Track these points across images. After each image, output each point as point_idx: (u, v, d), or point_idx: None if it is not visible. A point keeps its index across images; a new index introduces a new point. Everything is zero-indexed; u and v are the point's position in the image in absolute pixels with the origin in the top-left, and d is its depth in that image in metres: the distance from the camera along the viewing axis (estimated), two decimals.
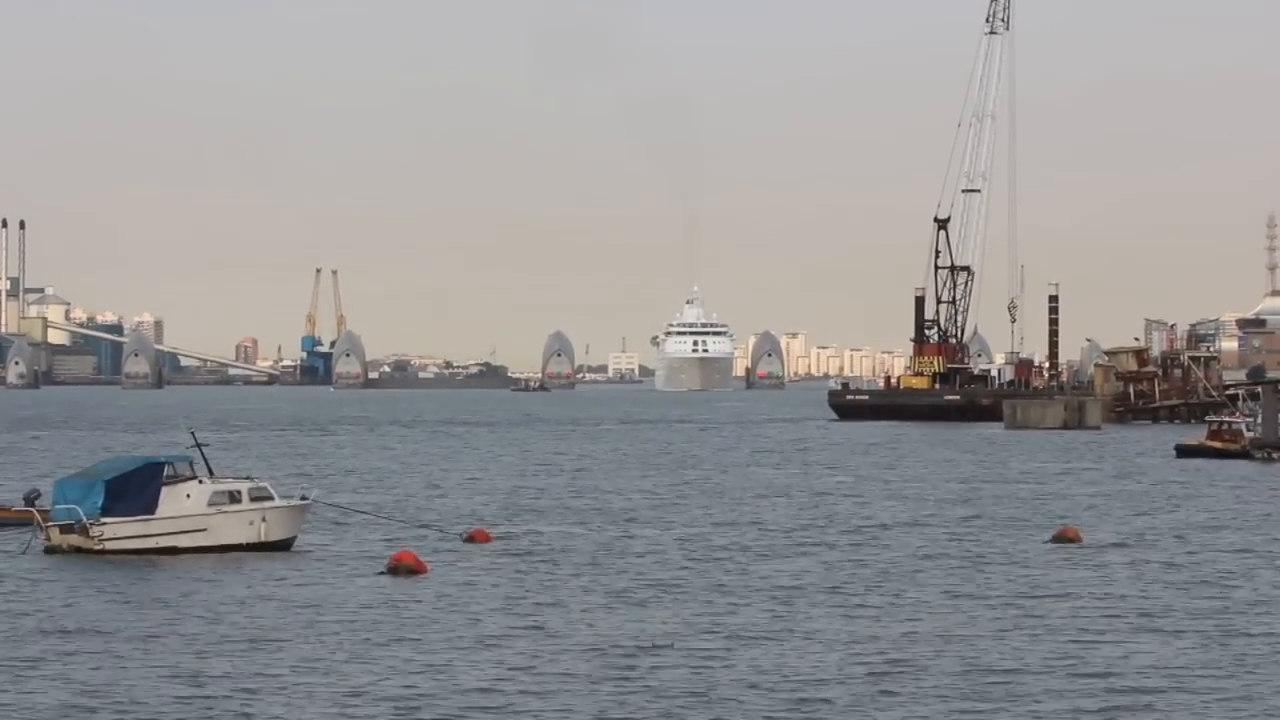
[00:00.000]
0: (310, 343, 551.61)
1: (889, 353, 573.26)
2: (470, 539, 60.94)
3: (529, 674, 35.43)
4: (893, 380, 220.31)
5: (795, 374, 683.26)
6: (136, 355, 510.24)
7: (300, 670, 35.90)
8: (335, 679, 34.94)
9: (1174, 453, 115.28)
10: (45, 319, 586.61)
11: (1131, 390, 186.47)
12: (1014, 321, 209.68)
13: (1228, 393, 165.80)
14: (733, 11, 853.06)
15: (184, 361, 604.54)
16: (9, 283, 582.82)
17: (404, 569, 50.79)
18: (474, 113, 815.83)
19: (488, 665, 36.43)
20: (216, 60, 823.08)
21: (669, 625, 41.71)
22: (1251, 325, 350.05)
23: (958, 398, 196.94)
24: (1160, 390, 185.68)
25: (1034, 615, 43.59)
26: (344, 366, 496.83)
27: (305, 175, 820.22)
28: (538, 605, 44.93)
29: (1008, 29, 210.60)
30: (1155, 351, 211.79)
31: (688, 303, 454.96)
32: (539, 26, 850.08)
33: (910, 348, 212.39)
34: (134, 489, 54.45)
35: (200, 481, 55.50)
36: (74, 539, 53.79)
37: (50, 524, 54.52)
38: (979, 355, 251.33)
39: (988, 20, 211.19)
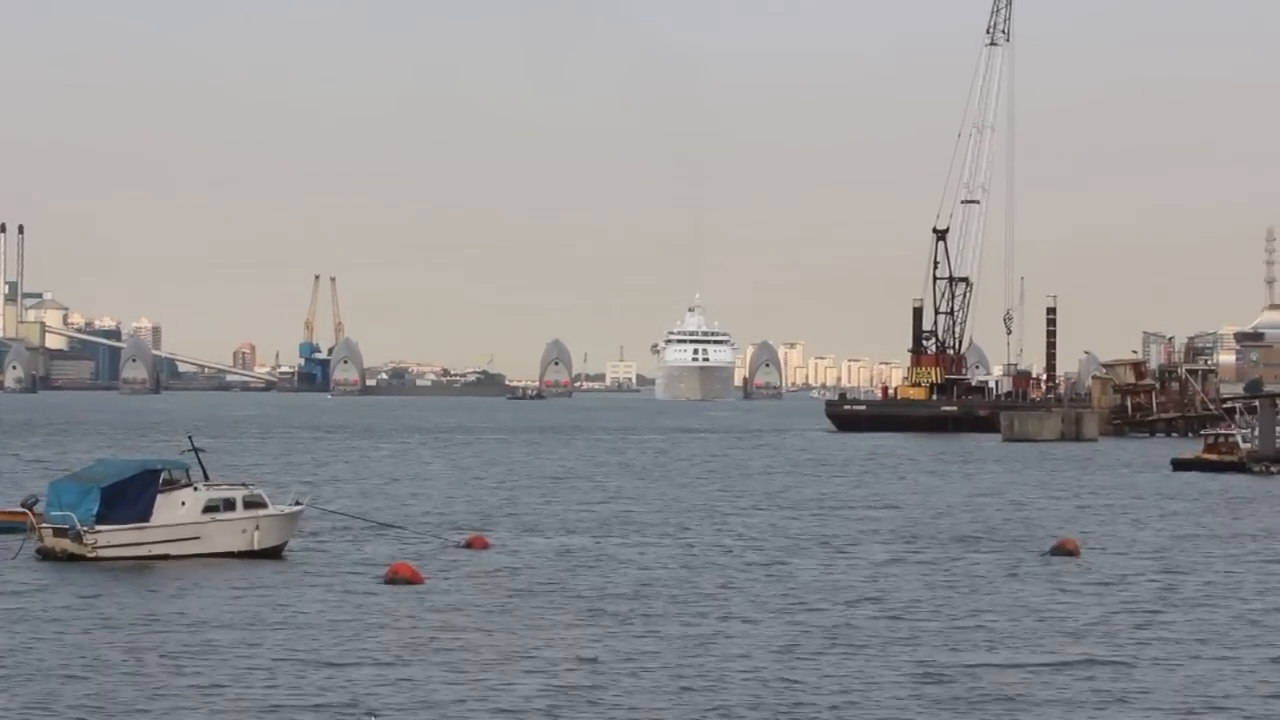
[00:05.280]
0: (308, 349, 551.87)
1: (887, 363, 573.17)
2: (468, 545, 61.01)
3: (520, 692, 35.31)
4: (890, 391, 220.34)
5: (793, 384, 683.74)
6: (134, 361, 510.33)
7: (284, 688, 35.84)
8: (317, 693, 34.89)
9: (1170, 466, 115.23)
10: (43, 324, 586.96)
11: (1129, 403, 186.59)
12: (1009, 333, 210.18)
13: (1225, 406, 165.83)
14: (734, 22, 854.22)
15: (181, 367, 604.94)
16: (7, 287, 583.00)
17: (401, 580, 50.65)
18: (474, 119, 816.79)
19: (481, 680, 36.31)
20: (215, 65, 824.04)
21: (650, 637, 41.66)
22: (1249, 339, 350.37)
23: (955, 409, 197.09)
24: (1158, 403, 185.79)
25: (1033, 627, 43.52)
26: (342, 373, 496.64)
27: (304, 182, 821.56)
28: (528, 621, 44.74)
29: (1008, 40, 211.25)
30: (1153, 364, 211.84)
31: (689, 310, 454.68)
32: (540, 34, 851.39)
33: (908, 358, 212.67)
34: (130, 496, 54.28)
35: (195, 488, 55.37)
36: (68, 545, 53.64)
37: (44, 525, 54.44)
38: (976, 366, 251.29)
39: (988, 31, 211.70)
